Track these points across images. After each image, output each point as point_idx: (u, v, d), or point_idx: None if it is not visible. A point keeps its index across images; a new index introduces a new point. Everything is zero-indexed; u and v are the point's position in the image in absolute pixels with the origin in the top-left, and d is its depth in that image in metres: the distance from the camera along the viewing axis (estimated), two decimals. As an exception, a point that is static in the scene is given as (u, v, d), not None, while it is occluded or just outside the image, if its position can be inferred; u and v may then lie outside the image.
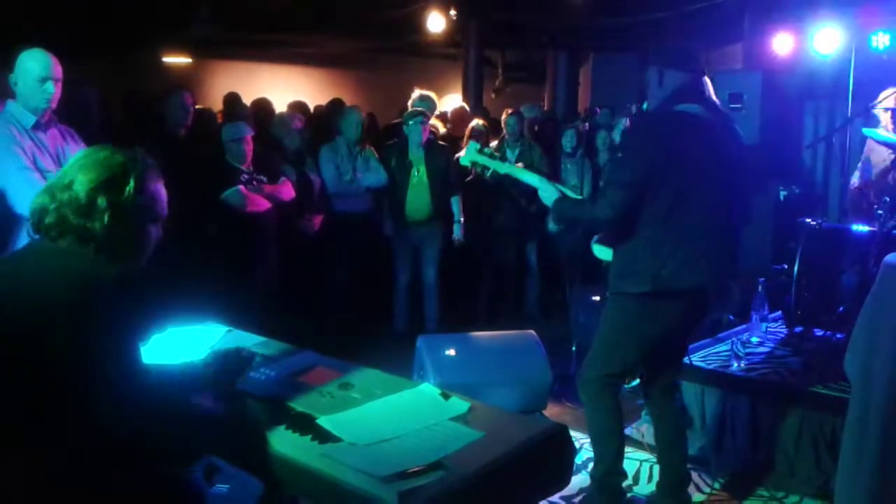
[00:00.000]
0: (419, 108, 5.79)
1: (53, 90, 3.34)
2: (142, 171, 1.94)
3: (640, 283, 2.95)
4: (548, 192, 3.14)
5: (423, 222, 5.73)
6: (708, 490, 3.61)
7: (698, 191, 2.93)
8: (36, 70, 3.31)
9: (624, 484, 3.44)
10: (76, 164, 1.94)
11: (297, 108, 6.94)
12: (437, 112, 6.55)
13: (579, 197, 3.27)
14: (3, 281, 1.86)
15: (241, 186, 4.80)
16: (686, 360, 3.70)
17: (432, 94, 6.29)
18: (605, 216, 2.94)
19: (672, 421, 3.29)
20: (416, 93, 6.20)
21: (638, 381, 3.41)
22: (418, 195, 5.68)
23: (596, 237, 3.17)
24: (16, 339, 1.72)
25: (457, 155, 6.05)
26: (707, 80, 3.55)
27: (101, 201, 1.87)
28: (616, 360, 3.13)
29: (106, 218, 1.86)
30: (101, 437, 1.74)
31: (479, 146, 3.29)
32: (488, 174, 3.25)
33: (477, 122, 6.37)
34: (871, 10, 6.53)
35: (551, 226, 3.22)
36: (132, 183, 1.91)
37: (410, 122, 5.67)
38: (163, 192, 2.03)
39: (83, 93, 4.91)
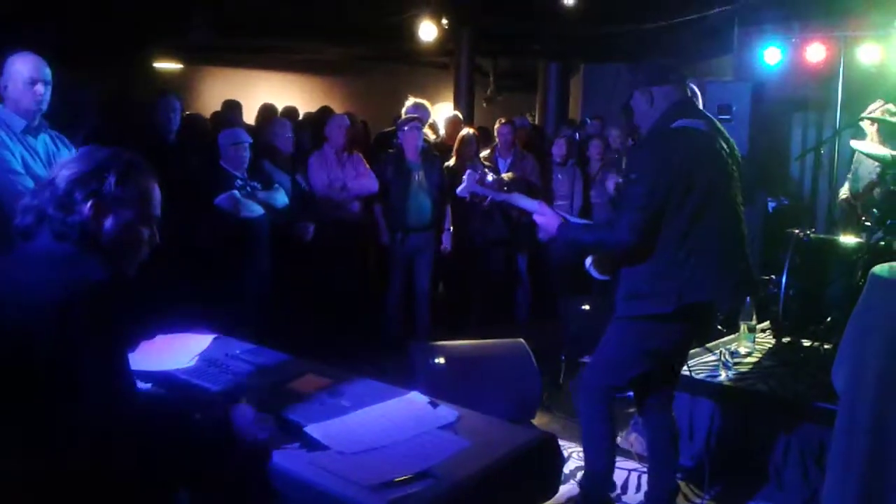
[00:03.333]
0: (413, 115, 5.82)
1: (43, 91, 3.33)
2: (125, 167, 1.88)
3: (660, 303, 2.90)
4: (547, 218, 3.06)
5: (421, 230, 5.74)
6: (697, 501, 3.61)
7: (713, 204, 2.91)
8: (25, 72, 3.30)
9: (612, 494, 3.44)
10: (61, 163, 1.91)
11: (287, 113, 6.93)
12: (430, 120, 6.56)
13: (582, 221, 3.24)
14: None
15: (234, 191, 4.79)
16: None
17: (426, 102, 6.30)
18: (626, 241, 2.87)
19: (666, 433, 3.29)
20: (410, 101, 6.22)
21: (631, 392, 3.40)
22: (418, 202, 5.70)
23: (590, 259, 3.14)
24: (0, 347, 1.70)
25: (446, 164, 6.08)
26: (696, 88, 3.57)
27: (80, 193, 1.82)
28: (621, 374, 3.13)
29: (85, 211, 1.81)
30: (86, 446, 1.72)
31: (477, 176, 3.18)
32: (485, 203, 3.21)
33: (468, 131, 6.39)
34: (859, 23, 6.60)
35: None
36: (112, 176, 1.85)
37: (406, 128, 5.70)
38: (156, 192, 1.95)
39: (79, 95, 4.89)
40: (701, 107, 3.52)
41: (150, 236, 1.96)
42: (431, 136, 6.56)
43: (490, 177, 3.17)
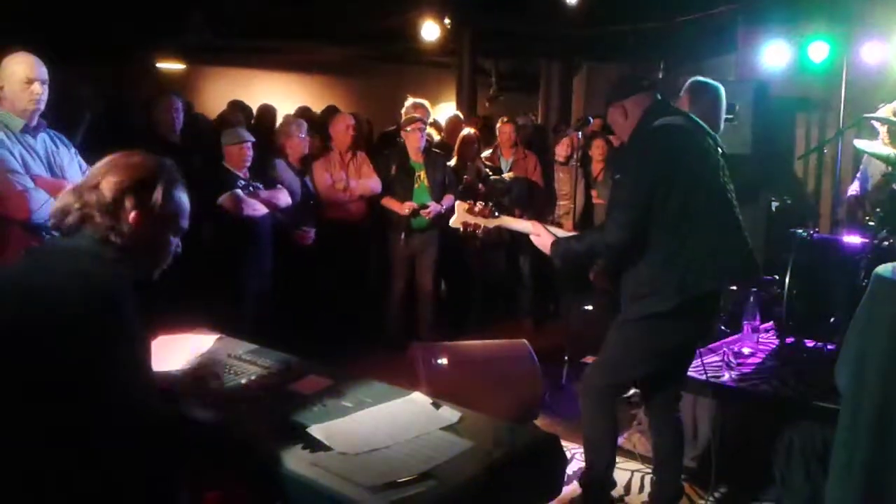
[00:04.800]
0: (416, 115, 5.82)
1: (40, 91, 3.32)
2: (170, 179, 1.97)
3: (663, 301, 2.92)
4: (542, 238, 3.11)
5: (423, 229, 5.74)
6: (700, 502, 3.60)
7: (700, 194, 2.95)
8: (21, 72, 3.29)
9: (615, 494, 3.43)
10: (105, 166, 1.94)
11: (301, 114, 6.88)
12: (430, 120, 6.55)
13: (572, 233, 3.26)
14: (19, 281, 1.82)
15: (237, 190, 4.78)
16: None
17: (426, 102, 6.29)
18: (618, 239, 2.92)
19: (672, 434, 3.29)
20: (410, 101, 6.21)
21: (634, 390, 3.40)
22: (421, 202, 5.70)
23: (592, 273, 3.16)
24: (27, 344, 1.69)
25: (448, 163, 6.07)
26: (700, 87, 3.56)
27: (129, 203, 1.87)
28: (627, 372, 3.15)
29: (132, 219, 1.87)
30: (112, 444, 1.72)
31: (467, 206, 3.19)
32: (479, 231, 3.22)
33: (468, 131, 6.38)
34: (863, 22, 6.58)
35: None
36: (160, 189, 1.93)
37: (409, 129, 5.70)
38: (187, 204, 2.04)
39: (76, 93, 4.89)
40: (723, 108, 3.53)
41: (177, 247, 2.06)
42: (436, 136, 6.56)
43: (478, 207, 3.15)
